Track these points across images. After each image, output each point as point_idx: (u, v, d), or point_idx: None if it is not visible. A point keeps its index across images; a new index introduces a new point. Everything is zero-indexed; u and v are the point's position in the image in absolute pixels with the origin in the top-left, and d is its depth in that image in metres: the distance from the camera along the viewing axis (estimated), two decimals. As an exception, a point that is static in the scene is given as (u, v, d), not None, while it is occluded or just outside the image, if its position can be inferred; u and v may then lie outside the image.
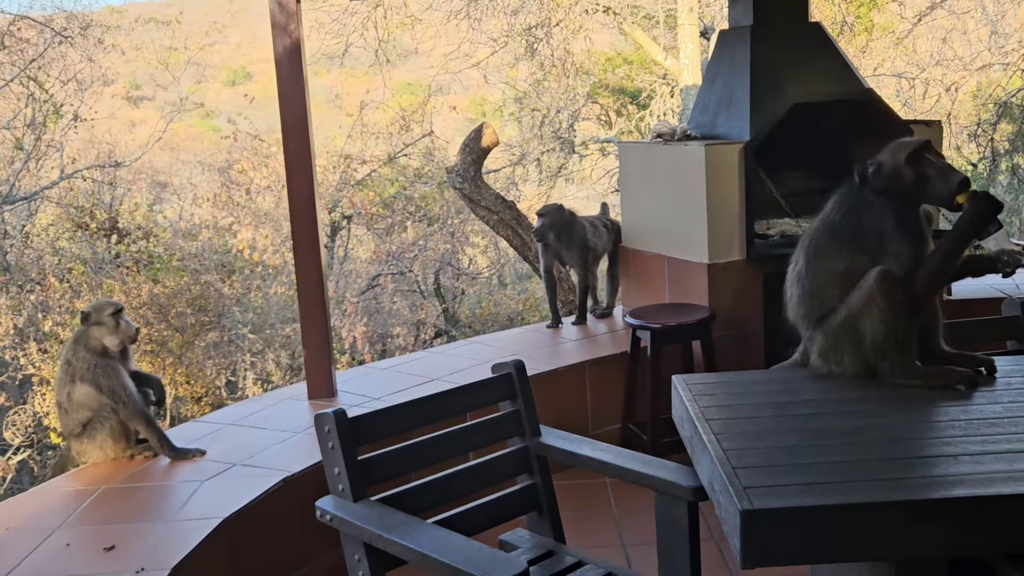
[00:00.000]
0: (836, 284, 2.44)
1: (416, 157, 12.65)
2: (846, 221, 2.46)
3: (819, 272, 2.47)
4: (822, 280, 2.47)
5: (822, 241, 2.49)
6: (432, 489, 2.47)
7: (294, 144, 4.02)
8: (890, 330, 2.33)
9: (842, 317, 2.40)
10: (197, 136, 20.56)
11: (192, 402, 10.11)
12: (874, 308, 2.34)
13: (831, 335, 2.43)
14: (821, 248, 2.48)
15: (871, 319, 2.34)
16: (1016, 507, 1.76)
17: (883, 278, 2.33)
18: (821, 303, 2.47)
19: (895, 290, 2.33)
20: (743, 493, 1.82)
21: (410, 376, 4.38)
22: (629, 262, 5.12)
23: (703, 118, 4.88)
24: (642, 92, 13.52)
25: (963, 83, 12.95)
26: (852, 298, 2.38)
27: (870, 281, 2.35)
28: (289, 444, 3.62)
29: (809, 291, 2.49)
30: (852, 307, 2.37)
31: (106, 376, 3.45)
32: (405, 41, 13.61)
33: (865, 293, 2.35)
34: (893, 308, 2.33)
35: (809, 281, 2.49)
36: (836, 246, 2.45)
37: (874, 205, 2.43)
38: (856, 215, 2.45)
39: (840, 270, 2.43)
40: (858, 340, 2.37)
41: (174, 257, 10.92)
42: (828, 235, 2.48)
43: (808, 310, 2.50)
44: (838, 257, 2.44)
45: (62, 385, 3.48)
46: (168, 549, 2.78)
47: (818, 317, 2.48)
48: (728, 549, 3.49)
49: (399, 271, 12.08)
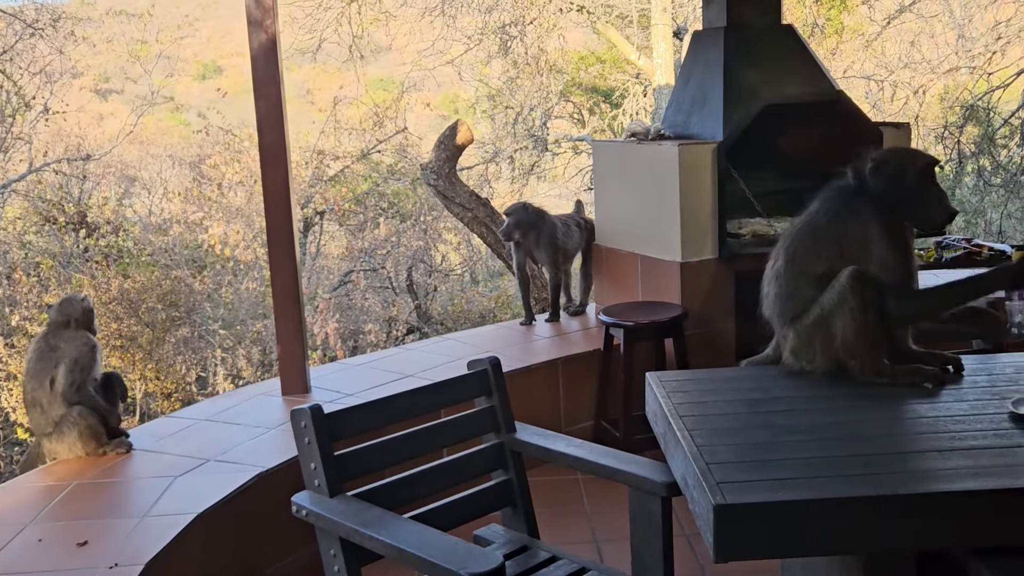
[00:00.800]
0: (813, 286, 2.47)
1: (389, 154, 12.62)
2: (831, 225, 2.48)
3: (797, 273, 2.50)
4: (800, 281, 2.49)
5: (804, 243, 2.51)
6: (407, 485, 2.48)
7: (269, 138, 4.01)
8: (860, 329, 2.36)
9: (814, 316, 2.43)
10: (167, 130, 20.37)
11: (162, 398, 10.04)
12: (845, 307, 2.37)
13: (804, 333, 2.46)
14: (802, 249, 2.51)
15: (842, 318, 2.37)
16: (982, 502, 1.80)
17: (855, 278, 2.37)
18: (797, 303, 2.50)
19: (867, 290, 2.36)
20: (716, 488, 1.85)
21: (384, 372, 4.38)
22: (602, 260, 5.15)
23: (677, 118, 4.92)
24: (615, 91, 13.58)
25: (931, 86, 13.11)
26: (824, 297, 2.41)
27: (842, 281, 2.38)
28: (263, 440, 3.61)
29: (786, 291, 2.52)
30: (824, 306, 2.41)
31: (91, 356, 3.44)
32: (379, 37, 13.58)
33: (837, 292, 2.38)
34: (864, 308, 2.36)
35: (787, 281, 2.52)
36: (818, 249, 2.48)
37: (861, 211, 2.45)
38: (842, 220, 2.47)
39: (819, 273, 2.46)
40: (829, 339, 2.40)
41: (144, 252, 10.83)
42: (811, 237, 2.50)
43: (783, 309, 2.54)
44: (818, 260, 2.47)
45: (43, 375, 3.43)
46: (142, 544, 2.77)
47: (792, 316, 2.51)
48: (699, 545, 3.53)
49: (371, 268, 12.05)
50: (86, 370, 3.45)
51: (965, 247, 5.36)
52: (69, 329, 3.49)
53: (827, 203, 2.52)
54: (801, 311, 2.48)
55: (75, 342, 3.46)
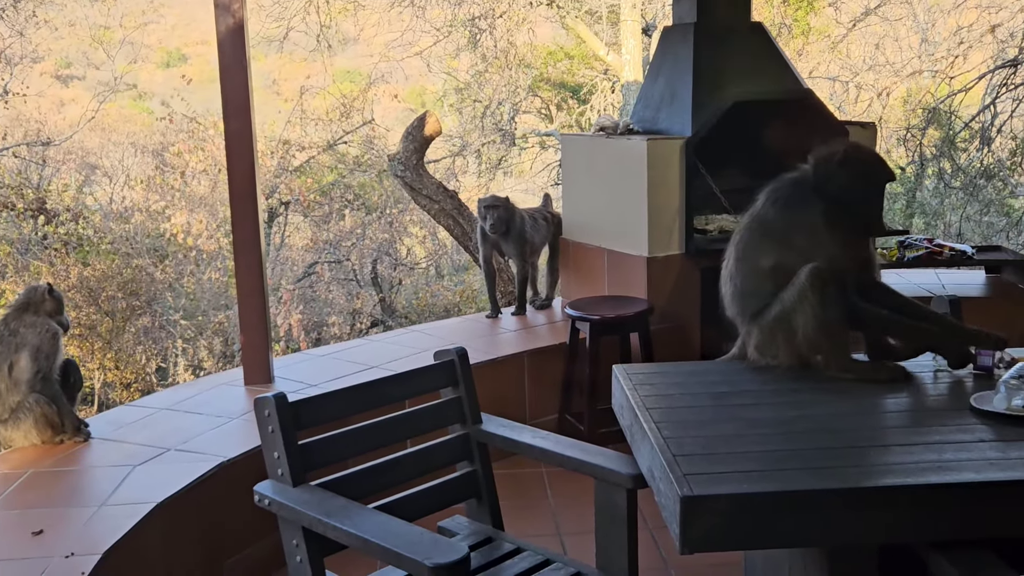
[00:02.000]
0: (767, 280, 2.48)
1: (356, 145, 12.54)
2: (778, 218, 2.49)
3: (748, 270, 2.51)
4: (753, 278, 2.51)
5: (751, 239, 2.52)
6: (372, 475, 2.46)
7: (235, 125, 3.96)
8: (822, 325, 2.38)
9: (776, 312, 2.45)
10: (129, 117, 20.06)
11: (121, 388, 9.90)
12: (806, 304, 2.38)
13: (766, 330, 2.48)
14: (749, 246, 2.52)
15: (803, 315, 2.39)
16: (944, 496, 1.82)
17: (815, 275, 2.38)
18: (754, 299, 2.51)
19: (827, 287, 2.38)
20: (683, 480, 1.85)
21: (348, 363, 4.35)
22: (569, 254, 5.15)
23: (646, 113, 4.93)
24: (583, 87, 13.59)
25: (894, 88, 13.26)
26: (785, 294, 2.42)
27: (802, 278, 2.39)
28: (225, 429, 3.57)
29: (741, 289, 2.53)
30: (785, 303, 2.42)
31: (53, 344, 3.38)
32: (347, 27, 13.47)
33: (797, 290, 2.39)
34: (825, 305, 2.37)
35: (741, 279, 2.53)
36: (765, 243, 2.49)
37: (810, 204, 2.47)
38: (790, 212, 2.48)
39: (768, 267, 2.47)
40: (791, 335, 2.42)
41: (105, 240, 10.67)
42: (758, 232, 2.51)
43: (742, 307, 2.55)
44: (767, 254, 2.48)
45: (0, 360, 3.35)
46: (99, 533, 2.72)
47: (752, 313, 2.52)
48: (662, 537, 3.54)
49: (336, 259, 11.97)
50: (50, 358, 3.38)
51: (927, 247, 5.44)
52: (29, 314, 3.42)
53: (775, 196, 2.53)
54: (761, 307, 2.49)
55: (35, 328, 3.39)
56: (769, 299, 2.48)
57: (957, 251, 5.46)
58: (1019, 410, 2.11)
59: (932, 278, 5.70)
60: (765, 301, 2.48)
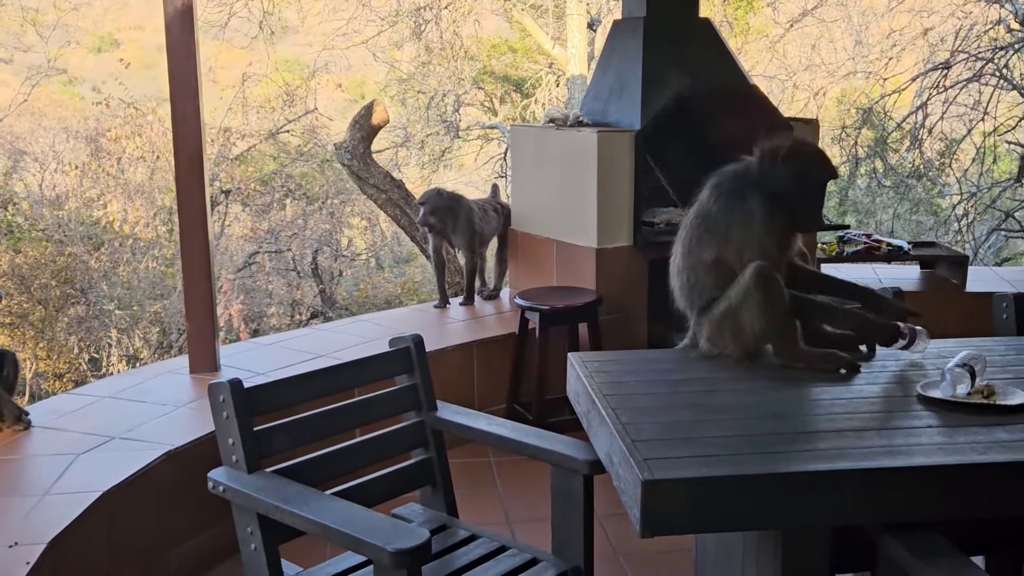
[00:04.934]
0: (710, 274, 2.51)
1: (298, 134, 12.39)
2: (719, 211, 2.52)
3: (695, 263, 2.54)
4: (698, 271, 2.53)
5: (696, 232, 2.55)
6: (327, 462, 2.44)
7: (182, 108, 3.89)
8: (769, 322, 2.41)
9: (723, 308, 2.47)
10: (60, 103, 19.53)
11: (53, 378, 9.66)
12: (752, 303, 2.41)
13: (715, 324, 2.51)
14: (694, 239, 2.54)
15: (749, 313, 2.42)
16: (895, 479, 1.87)
17: (759, 273, 2.40)
18: (700, 293, 2.54)
19: (771, 286, 2.41)
20: (643, 464, 1.87)
21: (296, 352, 4.31)
22: (518, 245, 5.17)
23: (595, 105, 4.96)
24: (527, 81, 13.61)
25: (829, 89, 13.52)
26: (731, 292, 2.44)
27: (747, 277, 2.41)
28: (171, 418, 3.51)
29: (689, 282, 2.56)
30: (732, 300, 2.44)
31: None
32: (290, 15, 13.29)
33: (743, 289, 2.42)
34: (770, 302, 2.41)
35: (688, 273, 2.55)
36: (708, 237, 2.52)
37: (748, 197, 2.50)
38: (730, 205, 2.51)
39: (710, 260, 2.50)
40: (738, 330, 2.45)
41: (36, 227, 10.39)
42: (702, 226, 2.54)
43: (690, 301, 2.58)
44: (709, 247, 2.51)
45: None
46: (43, 523, 2.66)
47: (700, 306, 2.55)
48: (612, 525, 3.58)
49: (276, 250, 11.82)
50: None
51: (865, 242, 5.57)
52: None
53: (718, 189, 2.56)
54: (707, 301, 2.52)
55: None
56: (714, 292, 2.51)
57: (894, 246, 5.60)
58: (963, 397, 2.18)
59: (869, 272, 5.84)
60: (711, 295, 2.51)
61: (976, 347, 2.54)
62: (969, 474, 1.89)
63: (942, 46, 10.97)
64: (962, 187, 10.93)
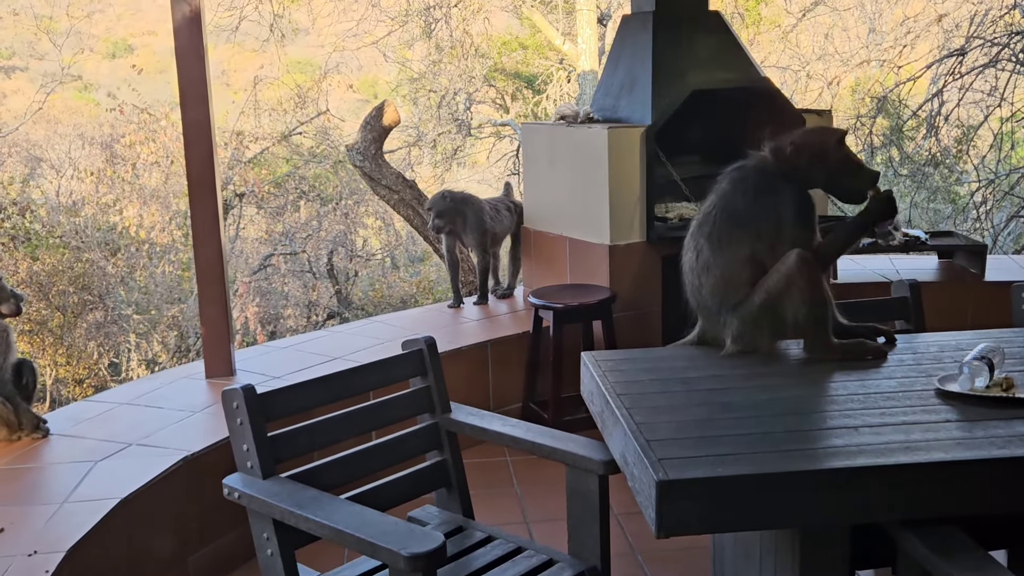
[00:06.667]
0: (746, 269, 2.50)
1: (310, 136, 12.42)
2: (747, 206, 2.51)
3: (729, 260, 2.51)
4: (734, 267, 2.52)
5: (726, 229, 2.53)
6: (341, 466, 2.44)
7: (192, 115, 3.90)
8: (811, 310, 2.41)
9: (761, 300, 2.45)
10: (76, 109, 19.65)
11: (74, 384, 9.73)
12: (795, 290, 2.41)
13: (749, 318, 2.48)
14: (726, 236, 2.52)
15: (792, 301, 2.41)
16: (913, 475, 1.85)
17: (803, 260, 2.41)
18: (737, 289, 2.52)
19: (814, 272, 2.42)
20: (658, 464, 1.85)
21: (310, 355, 4.31)
22: (531, 243, 5.15)
23: (606, 101, 4.94)
24: (538, 77, 13.59)
25: (843, 78, 13.43)
26: (770, 281, 2.44)
27: (790, 264, 2.41)
28: (188, 423, 3.52)
29: (723, 278, 2.53)
30: (771, 290, 2.43)
31: (5, 342, 3.30)
32: (300, 17, 13.32)
33: (784, 276, 2.41)
34: (813, 288, 2.41)
35: (721, 269, 2.53)
36: (739, 233, 2.51)
37: (776, 191, 2.49)
38: (755, 200, 2.50)
39: (746, 255, 2.49)
40: (778, 321, 2.44)
41: (54, 234, 10.46)
42: (731, 222, 2.52)
43: (724, 298, 2.54)
44: (742, 243, 2.50)
45: None
46: (62, 531, 2.67)
47: (735, 303, 2.52)
48: (629, 524, 3.56)
49: (291, 251, 11.86)
50: (2, 355, 3.31)
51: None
52: None
53: (741, 184, 2.54)
54: (743, 297, 2.50)
55: None
56: (746, 288, 2.49)
57: (911, 237, 5.55)
58: (982, 391, 2.15)
59: (886, 263, 5.79)
60: (744, 290, 2.50)
61: (995, 339, 2.51)
62: (989, 469, 1.87)
63: (957, 32, 10.87)
64: (980, 174, 10.82)
